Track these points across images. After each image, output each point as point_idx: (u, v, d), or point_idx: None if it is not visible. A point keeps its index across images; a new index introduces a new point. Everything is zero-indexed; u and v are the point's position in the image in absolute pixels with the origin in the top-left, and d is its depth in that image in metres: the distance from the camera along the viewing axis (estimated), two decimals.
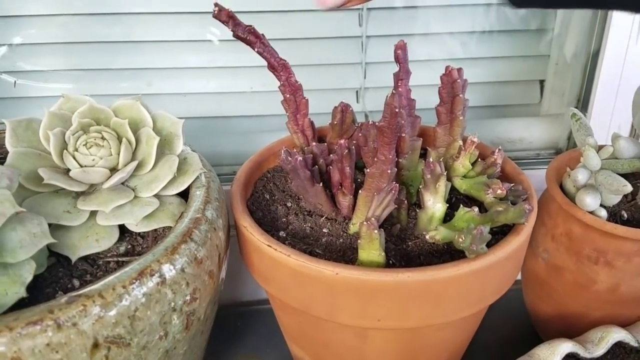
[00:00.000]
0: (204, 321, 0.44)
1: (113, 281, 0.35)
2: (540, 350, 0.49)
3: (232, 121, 0.79)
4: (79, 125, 0.44)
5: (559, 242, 0.54)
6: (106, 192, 0.43)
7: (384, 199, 0.45)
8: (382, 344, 0.46)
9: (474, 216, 0.44)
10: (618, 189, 0.49)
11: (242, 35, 0.49)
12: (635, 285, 0.52)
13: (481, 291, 0.43)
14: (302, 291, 0.44)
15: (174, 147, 0.47)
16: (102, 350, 0.35)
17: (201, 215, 0.43)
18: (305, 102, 0.54)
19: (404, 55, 0.50)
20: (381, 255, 0.43)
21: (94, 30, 0.70)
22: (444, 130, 0.52)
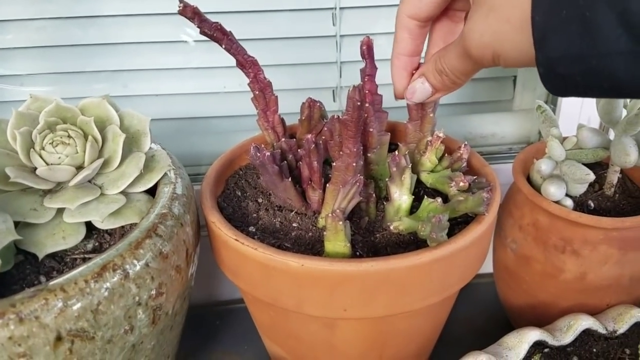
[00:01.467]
0: (173, 316, 0.44)
1: (75, 275, 0.36)
2: (508, 338, 0.50)
3: (210, 121, 0.79)
4: (46, 124, 0.45)
5: (526, 232, 0.55)
6: (72, 189, 0.43)
7: (349, 192, 0.45)
8: (351, 334, 0.47)
9: (437, 206, 0.44)
10: (581, 177, 0.50)
11: (209, 32, 0.49)
12: (603, 274, 0.53)
13: (445, 279, 0.44)
14: (269, 284, 0.44)
15: (142, 145, 0.47)
16: (65, 344, 0.35)
17: (167, 211, 0.43)
18: (275, 98, 0.54)
19: (370, 51, 0.51)
20: (347, 247, 0.44)
21: (69, 34, 0.71)
22: (415, 127, 0.53)
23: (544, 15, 0.29)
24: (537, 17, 0.29)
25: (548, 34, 0.29)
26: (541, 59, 0.30)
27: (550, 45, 0.29)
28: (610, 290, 0.54)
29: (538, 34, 0.30)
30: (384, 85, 0.56)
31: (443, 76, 0.40)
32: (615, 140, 0.51)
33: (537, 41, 0.30)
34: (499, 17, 0.32)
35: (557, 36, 0.29)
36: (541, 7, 0.29)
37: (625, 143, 0.50)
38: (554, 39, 0.29)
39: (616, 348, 0.52)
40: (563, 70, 0.30)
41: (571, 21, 0.28)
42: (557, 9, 0.28)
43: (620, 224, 0.50)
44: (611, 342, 0.52)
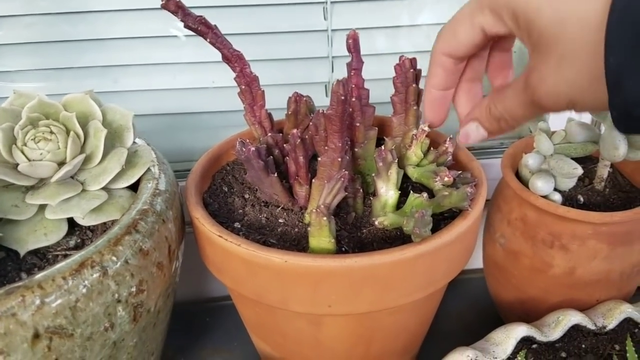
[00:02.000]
0: (155, 313, 0.44)
1: (53, 272, 0.35)
2: (496, 334, 0.50)
3: (201, 117, 0.79)
4: (28, 120, 0.44)
5: (515, 227, 0.54)
6: (54, 185, 0.43)
7: (333, 187, 0.45)
8: (336, 330, 0.47)
9: (422, 201, 0.44)
10: (569, 172, 0.50)
11: (193, 25, 0.49)
12: (592, 269, 0.53)
13: (430, 274, 0.44)
14: (254, 281, 0.44)
15: (124, 140, 0.47)
16: (43, 341, 0.35)
17: (149, 207, 0.43)
18: (262, 93, 0.54)
19: (356, 45, 0.50)
20: (331, 242, 0.43)
21: (59, 29, 0.70)
22: (400, 120, 0.52)
23: (620, 57, 0.28)
24: (612, 60, 0.28)
25: (624, 78, 0.28)
26: (616, 103, 0.29)
27: (626, 89, 0.28)
28: (600, 285, 0.54)
29: (612, 79, 0.29)
30: (373, 80, 0.56)
31: (501, 122, 0.39)
32: (605, 134, 0.51)
33: (611, 85, 0.29)
34: (573, 66, 0.31)
35: (633, 81, 0.28)
36: (616, 51, 0.28)
37: (614, 137, 0.50)
38: (630, 83, 0.28)
39: (605, 344, 0.51)
40: (638, 114, 0.29)
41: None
42: (634, 51, 0.28)
43: (608, 218, 0.49)
44: (600, 338, 0.52)
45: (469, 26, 0.38)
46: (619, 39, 0.28)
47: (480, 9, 0.36)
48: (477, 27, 0.37)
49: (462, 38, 0.38)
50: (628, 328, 0.52)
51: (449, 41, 0.39)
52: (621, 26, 0.28)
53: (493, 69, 0.43)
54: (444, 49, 0.40)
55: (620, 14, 0.28)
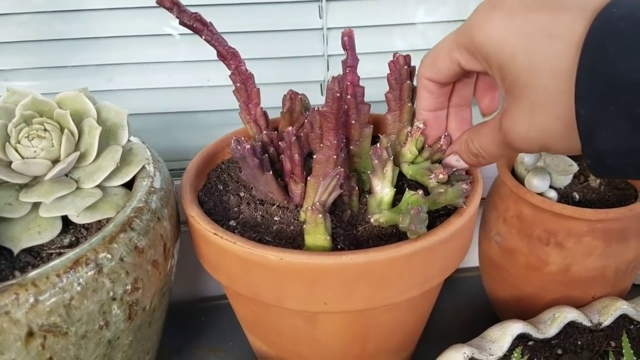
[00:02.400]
0: (151, 312, 0.44)
1: (47, 270, 0.35)
2: (492, 331, 0.50)
3: (197, 115, 0.78)
4: (22, 118, 0.44)
5: (511, 225, 0.54)
6: (48, 183, 0.43)
7: (329, 184, 0.45)
8: (332, 328, 0.46)
9: (418, 198, 0.44)
10: (564, 169, 0.50)
11: (188, 22, 0.49)
12: (587, 266, 0.53)
13: (426, 272, 0.44)
14: (249, 278, 0.44)
15: (119, 138, 0.47)
16: (37, 339, 0.35)
17: (144, 204, 0.43)
18: (257, 91, 0.54)
19: (351, 42, 0.50)
20: (327, 240, 0.43)
21: (53, 28, 0.70)
22: (394, 117, 0.52)
23: (590, 109, 0.28)
24: (583, 112, 0.29)
25: (595, 128, 0.29)
26: (589, 151, 0.30)
27: (598, 139, 0.29)
28: (596, 282, 0.54)
29: (584, 129, 0.29)
30: (369, 79, 0.56)
31: (479, 158, 0.41)
32: None
33: (583, 135, 0.29)
34: (545, 113, 0.31)
35: (604, 131, 0.28)
36: (586, 103, 0.28)
37: None
38: (602, 133, 0.28)
39: (601, 340, 0.51)
40: (613, 163, 0.29)
41: (619, 117, 0.27)
42: (604, 104, 0.28)
43: (604, 215, 0.49)
44: (596, 335, 0.52)
45: (447, 59, 0.38)
46: (588, 91, 0.28)
47: (458, 47, 0.37)
48: (454, 62, 0.38)
49: (441, 67, 0.39)
50: (624, 325, 0.53)
51: (431, 68, 0.41)
52: (590, 79, 0.28)
53: (479, 92, 0.44)
54: (426, 75, 0.41)
55: (588, 67, 0.28)
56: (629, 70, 0.26)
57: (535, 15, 0.31)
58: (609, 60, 0.27)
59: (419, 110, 0.45)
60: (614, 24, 0.27)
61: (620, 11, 0.27)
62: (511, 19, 0.32)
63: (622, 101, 0.27)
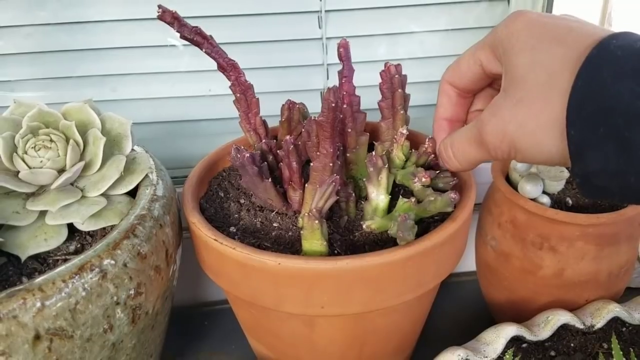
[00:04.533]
0: (154, 316, 0.45)
1: (53, 276, 0.37)
2: (486, 334, 0.51)
3: (199, 124, 0.80)
4: (28, 129, 0.46)
5: (505, 229, 0.56)
6: (54, 192, 0.44)
7: (325, 191, 0.46)
8: (330, 331, 0.48)
9: (410, 206, 0.45)
10: (556, 174, 0.51)
11: (189, 36, 0.50)
12: (580, 269, 0.54)
13: (420, 276, 0.45)
14: (248, 283, 0.45)
15: (123, 148, 0.48)
16: (44, 342, 0.36)
17: (147, 212, 0.44)
18: (256, 101, 0.55)
19: (346, 53, 0.51)
20: (323, 245, 0.44)
21: (58, 39, 0.72)
22: (388, 125, 0.54)
23: (580, 130, 0.29)
24: (573, 132, 0.29)
25: (584, 149, 0.29)
26: (577, 171, 0.30)
27: (587, 160, 0.29)
28: (588, 285, 0.55)
29: (574, 149, 0.30)
30: (365, 87, 0.57)
31: (448, 155, 0.41)
32: None
33: (573, 155, 0.30)
34: (528, 110, 0.32)
35: (594, 152, 0.29)
36: (577, 122, 0.29)
37: None
38: (591, 154, 0.29)
39: (594, 343, 0.52)
40: (600, 183, 0.30)
41: (609, 139, 0.28)
42: (594, 126, 0.28)
43: (595, 220, 0.51)
44: (589, 337, 0.53)
45: (471, 59, 0.39)
46: (579, 113, 0.29)
47: (483, 45, 0.38)
48: (477, 62, 0.39)
49: (463, 69, 0.40)
50: (616, 327, 0.53)
51: (453, 71, 0.41)
52: (582, 101, 0.29)
53: None
54: (448, 77, 0.42)
55: (581, 89, 0.29)
56: (620, 94, 0.27)
57: (553, 27, 0.32)
58: (602, 84, 0.28)
59: (436, 117, 0.45)
60: (611, 52, 0.28)
61: (619, 42, 0.29)
62: (533, 24, 0.33)
63: (612, 124, 0.28)
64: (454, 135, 0.40)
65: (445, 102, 0.43)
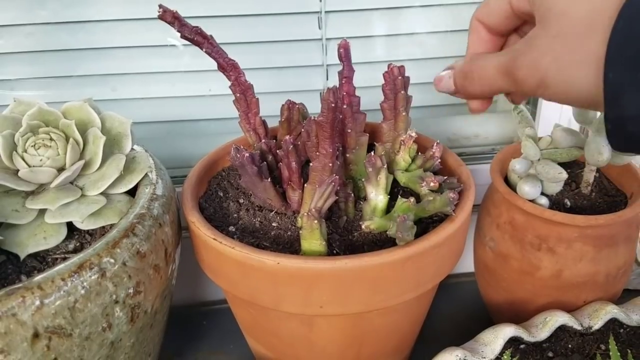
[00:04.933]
0: (152, 314, 0.45)
1: (52, 274, 0.37)
2: (484, 334, 0.51)
3: (199, 124, 0.80)
4: (28, 127, 0.46)
5: (504, 231, 0.56)
6: (53, 191, 0.44)
7: (324, 191, 0.46)
8: (328, 331, 0.48)
9: (409, 206, 0.45)
10: (555, 176, 0.51)
11: (189, 35, 0.50)
12: (578, 271, 0.54)
13: (419, 276, 0.45)
14: (247, 282, 0.45)
15: (123, 147, 0.48)
16: (43, 340, 0.36)
17: (146, 211, 0.44)
18: (256, 101, 0.56)
19: (347, 54, 0.52)
20: (322, 245, 0.45)
21: (59, 39, 0.72)
22: (389, 126, 0.54)
23: (619, 72, 0.28)
24: (611, 75, 0.28)
25: (622, 92, 0.28)
26: (612, 115, 0.29)
27: (624, 103, 0.28)
28: (586, 287, 0.55)
29: (611, 92, 0.29)
30: (365, 88, 0.57)
31: (466, 80, 0.39)
32: (589, 140, 0.52)
33: (609, 98, 0.29)
34: (566, 44, 0.31)
35: (632, 95, 0.28)
36: (617, 63, 0.28)
37: (598, 142, 0.51)
38: (629, 98, 0.28)
39: (591, 344, 0.52)
40: (633, 128, 0.29)
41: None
42: (635, 68, 0.28)
43: (593, 221, 0.51)
44: (586, 338, 0.53)
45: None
46: (619, 54, 0.28)
47: None
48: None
49: (493, 6, 0.38)
50: (613, 328, 0.54)
51: (483, 7, 0.39)
52: (622, 43, 0.28)
53: None
54: (477, 15, 0.40)
55: (622, 31, 0.28)
56: None
57: None
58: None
59: (468, 53, 0.42)
60: None
61: None
62: None
63: None
64: (477, 61, 0.38)
65: (475, 39, 0.41)
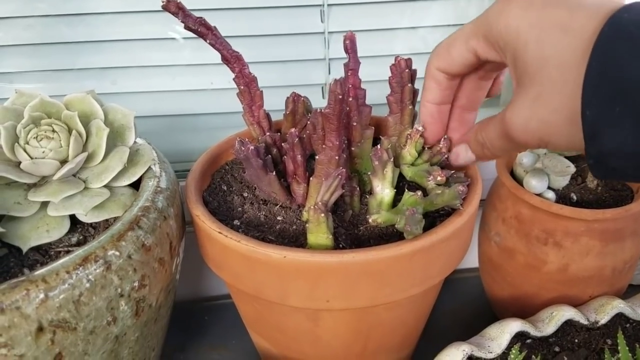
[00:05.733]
0: (157, 308, 0.44)
1: (57, 267, 0.36)
2: (491, 329, 0.51)
3: (200, 118, 0.80)
4: (30, 119, 0.45)
5: (510, 225, 0.55)
6: (56, 183, 0.44)
7: (331, 184, 0.46)
8: (334, 325, 0.47)
9: (416, 199, 0.45)
10: (562, 170, 0.51)
11: (193, 26, 0.50)
12: (585, 265, 0.54)
13: (426, 270, 0.44)
14: (253, 276, 0.45)
15: (126, 139, 0.48)
16: (47, 334, 0.35)
17: (150, 204, 0.44)
18: (260, 93, 0.55)
19: (353, 46, 0.51)
20: (329, 239, 0.44)
21: (58, 31, 0.71)
22: (395, 119, 0.53)
23: (596, 110, 0.28)
24: (589, 112, 0.29)
25: (600, 129, 0.29)
26: (592, 152, 0.30)
27: (602, 140, 0.29)
28: (593, 281, 0.55)
29: (589, 129, 0.29)
30: (370, 82, 0.57)
31: (485, 149, 0.41)
32: None
33: (588, 136, 0.29)
34: (547, 106, 0.31)
35: (609, 132, 0.28)
36: (593, 103, 0.29)
37: None
38: (607, 134, 0.28)
39: (598, 338, 0.52)
40: (615, 164, 0.29)
41: (625, 117, 0.27)
42: (610, 105, 0.28)
43: (600, 215, 0.50)
44: (593, 333, 0.53)
45: (463, 48, 0.39)
46: (595, 93, 0.28)
47: (476, 35, 0.37)
48: (471, 50, 0.38)
49: (456, 57, 0.40)
50: (620, 323, 0.53)
51: (444, 57, 0.41)
52: (597, 81, 0.28)
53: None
54: (437, 64, 0.41)
55: (596, 69, 0.28)
56: (637, 71, 0.27)
57: (552, 10, 0.31)
58: (617, 62, 0.27)
59: (423, 102, 0.45)
60: (624, 27, 0.28)
61: (631, 16, 0.28)
62: (529, 10, 0.32)
63: (629, 102, 0.27)
64: (482, 132, 0.40)
65: (434, 86, 0.43)
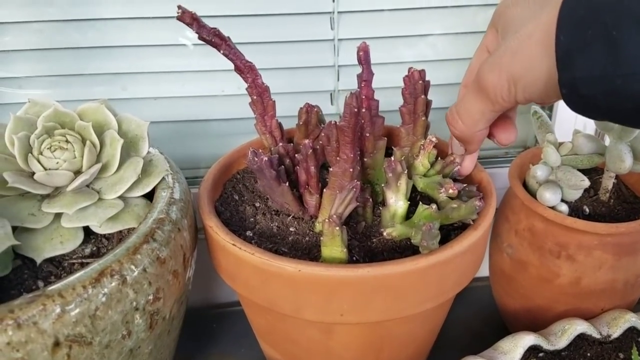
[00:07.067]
0: (170, 321, 0.44)
1: (73, 281, 0.36)
2: (504, 343, 0.50)
3: (209, 124, 0.79)
4: (44, 129, 0.45)
5: (522, 237, 0.55)
6: (70, 194, 0.44)
7: (345, 197, 0.45)
8: (347, 339, 0.47)
9: (431, 213, 0.45)
10: (576, 183, 0.51)
11: (207, 37, 0.49)
12: (597, 278, 0.53)
13: (440, 285, 0.44)
14: (266, 289, 0.45)
15: (140, 149, 0.48)
16: (63, 349, 0.35)
17: (165, 215, 0.43)
18: (273, 103, 0.55)
19: (366, 57, 0.51)
20: (343, 252, 0.44)
21: (68, 36, 0.71)
22: (408, 130, 0.53)
23: (569, 34, 0.28)
24: (562, 37, 0.29)
25: (572, 53, 0.28)
26: (564, 79, 0.29)
27: (574, 65, 0.28)
28: (605, 295, 0.54)
29: (562, 54, 0.29)
30: (380, 89, 0.56)
31: (458, 122, 0.41)
32: (610, 147, 0.52)
33: (561, 61, 0.29)
34: (520, 36, 0.32)
35: (581, 56, 0.28)
36: (566, 27, 0.29)
37: (620, 149, 0.51)
38: (578, 58, 0.28)
39: (610, 352, 0.52)
40: (586, 91, 0.29)
41: (596, 40, 0.27)
42: (583, 28, 0.28)
43: (614, 229, 0.50)
44: (605, 347, 0.52)
45: (478, 51, 0.41)
46: (569, 16, 0.29)
47: (489, 29, 0.39)
48: (483, 50, 0.40)
49: (474, 65, 0.42)
50: (632, 337, 0.53)
51: (467, 72, 0.43)
52: (574, 5, 0.28)
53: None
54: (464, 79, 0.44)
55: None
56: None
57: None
58: None
59: None
60: None
61: None
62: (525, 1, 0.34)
63: (600, 23, 0.27)
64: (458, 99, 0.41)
65: None
